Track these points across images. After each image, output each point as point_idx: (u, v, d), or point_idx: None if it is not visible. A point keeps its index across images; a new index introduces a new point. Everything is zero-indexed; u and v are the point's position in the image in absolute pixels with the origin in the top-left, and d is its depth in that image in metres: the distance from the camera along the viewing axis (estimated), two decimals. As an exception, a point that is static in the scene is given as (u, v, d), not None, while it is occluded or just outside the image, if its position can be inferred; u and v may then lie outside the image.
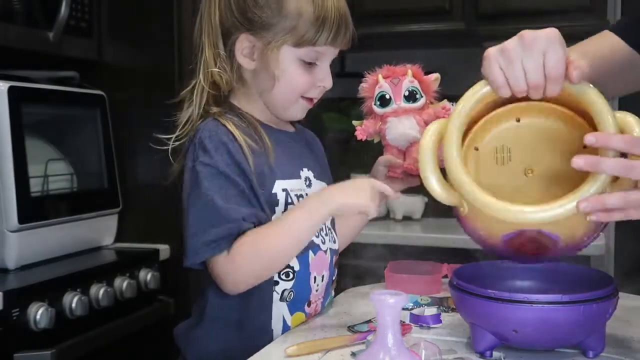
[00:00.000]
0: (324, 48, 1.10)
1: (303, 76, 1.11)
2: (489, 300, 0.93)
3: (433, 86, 1.26)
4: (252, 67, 1.11)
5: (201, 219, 1.03)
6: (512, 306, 0.91)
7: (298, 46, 1.08)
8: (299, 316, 1.14)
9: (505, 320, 0.92)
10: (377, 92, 1.23)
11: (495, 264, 1.10)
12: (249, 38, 1.09)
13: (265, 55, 1.09)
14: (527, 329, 0.92)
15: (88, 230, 1.99)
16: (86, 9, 2.07)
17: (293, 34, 1.07)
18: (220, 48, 1.11)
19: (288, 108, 1.14)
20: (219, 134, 1.06)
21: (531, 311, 0.90)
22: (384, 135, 1.25)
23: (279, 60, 1.09)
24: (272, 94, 1.12)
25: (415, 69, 1.25)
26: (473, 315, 0.97)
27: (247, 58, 1.11)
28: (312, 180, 1.18)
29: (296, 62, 1.10)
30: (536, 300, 0.90)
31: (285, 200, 1.11)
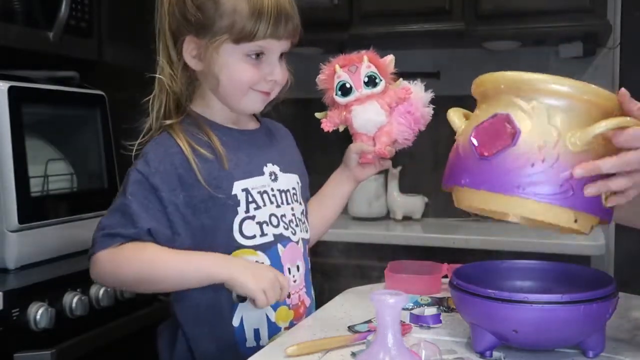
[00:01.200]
0: (266, 42, 1.10)
1: (248, 72, 1.11)
2: (489, 300, 0.93)
3: (390, 68, 1.27)
4: (200, 67, 1.13)
5: (113, 219, 1.08)
6: (512, 306, 0.91)
7: (238, 42, 1.09)
8: (283, 310, 1.15)
9: (505, 320, 0.92)
10: (336, 82, 1.24)
11: (495, 263, 1.10)
12: (194, 40, 1.11)
13: (207, 56, 1.10)
14: (527, 329, 0.92)
15: (88, 230, 1.96)
16: (86, 9, 2.07)
17: (231, 31, 1.08)
18: (171, 54, 1.14)
19: (240, 102, 1.15)
20: (165, 147, 1.10)
21: (531, 311, 0.90)
22: (351, 124, 1.26)
23: (220, 59, 1.10)
24: (220, 91, 1.14)
25: (370, 54, 1.26)
26: (473, 315, 0.97)
27: (195, 59, 1.13)
28: (278, 174, 1.20)
29: (240, 58, 1.10)
30: (536, 300, 0.90)
31: (246, 199, 1.12)
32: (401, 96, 1.25)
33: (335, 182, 1.34)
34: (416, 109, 1.26)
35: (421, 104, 1.26)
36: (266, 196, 1.16)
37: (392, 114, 1.25)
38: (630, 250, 2.40)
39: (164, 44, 1.14)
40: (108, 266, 1.08)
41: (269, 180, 1.17)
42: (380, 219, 2.66)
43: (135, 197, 1.08)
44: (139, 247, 1.07)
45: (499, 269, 1.09)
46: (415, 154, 2.77)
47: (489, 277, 1.06)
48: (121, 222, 1.08)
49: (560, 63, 2.60)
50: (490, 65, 2.92)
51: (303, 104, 1.47)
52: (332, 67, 1.25)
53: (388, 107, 1.24)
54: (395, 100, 1.25)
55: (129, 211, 1.07)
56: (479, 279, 1.00)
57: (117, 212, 1.09)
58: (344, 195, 1.35)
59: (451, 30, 2.47)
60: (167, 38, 1.14)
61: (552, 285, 1.05)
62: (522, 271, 1.09)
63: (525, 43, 2.58)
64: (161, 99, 1.15)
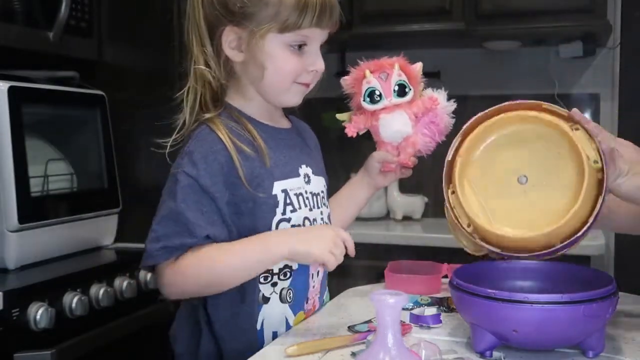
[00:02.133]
0: (310, 31, 1.08)
1: (292, 61, 1.09)
2: (489, 300, 0.93)
3: (419, 76, 1.26)
4: (241, 58, 1.10)
5: (167, 228, 1.04)
6: (512, 306, 0.91)
7: (283, 32, 1.07)
8: (300, 316, 1.14)
9: (505, 320, 0.92)
10: (365, 88, 1.23)
11: (495, 264, 1.10)
12: (234, 30, 1.09)
13: (251, 45, 1.08)
14: (527, 329, 0.92)
15: (88, 230, 1.99)
16: (86, 9, 2.07)
17: (276, 20, 1.06)
18: (207, 45, 1.10)
19: (282, 95, 1.13)
20: (209, 143, 1.07)
21: (531, 311, 0.90)
22: (377, 132, 1.25)
23: (265, 48, 1.08)
24: (264, 83, 1.11)
25: (402, 61, 1.25)
26: (473, 315, 0.97)
27: (235, 50, 1.10)
28: (310, 176, 1.18)
29: (283, 48, 1.08)
30: (536, 300, 0.90)
31: (284, 201, 1.10)
32: (428, 106, 1.24)
33: (354, 187, 1.33)
34: (441, 120, 1.25)
35: (445, 113, 1.25)
36: (301, 199, 1.14)
37: (417, 124, 1.24)
38: (630, 250, 2.40)
39: (197, 35, 1.11)
40: (174, 279, 1.06)
41: (304, 182, 1.15)
42: (380, 219, 2.66)
43: (187, 204, 1.04)
44: (199, 254, 1.04)
45: (499, 269, 1.09)
46: (415, 154, 2.78)
47: (489, 277, 1.06)
48: (176, 231, 1.04)
49: (560, 63, 2.60)
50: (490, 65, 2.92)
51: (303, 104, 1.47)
52: (361, 71, 1.23)
53: (415, 116, 1.23)
54: (422, 111, 1.24)
55: (183, 219, 1.04)
56: (479, 279, 1.00)
57: (169, 220, 1.05)
58: (362, 200, 1.34)
59: (451, 30, 2.47)
60: (200, 30, 1.10)
61: (552, 285, 1.06)
62: (522, 271, 1.09)
63: (525, 43, 2.58)
64: (196, 91, 1.11)
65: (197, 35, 1.11)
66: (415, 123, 1.24)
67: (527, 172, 1.08)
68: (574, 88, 2.62)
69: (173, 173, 1.07)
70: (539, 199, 1.07)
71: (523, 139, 1.09)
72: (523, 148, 1.09)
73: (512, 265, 1.09)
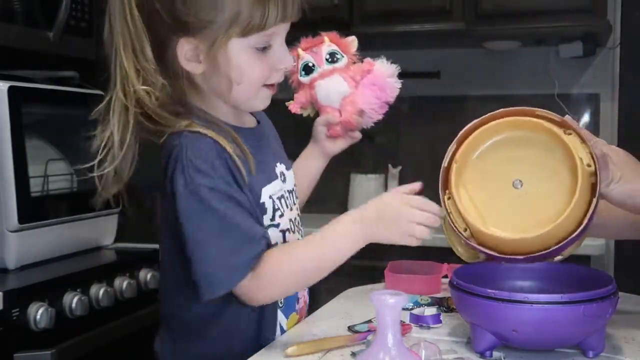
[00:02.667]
0: (275, 28, 0.98)
1: (259, 66, 1.00)
2: (489, 300, 0.93)
3: (351, 47, 1.27)
4: (201, 70, 1.00)
5: (223, 247, 0.96)
6: (512, 306, 0.91)
7: (246, 34, 0.97)
8: (293, 317, 1.14)
9: (505, 320, 0.92)
10: (299, 64, 1.25)
11: (495, 263, 1.10)
12: (189, 41, 0.98)
13: (211, 55, 0.98)
14: (527, 329, 0.92)
15: (88, 230, 1.99)
16: (86, 9, 2.07)
17: (237, 23, 0.95)
18: (147, 61, 0.97)
19: (251, 101, 1.05)
20: (206, 147, 0.97)
21: (531, 311, 0.90)
22: (316, 100, 1.26)
23: (230, 58, 0.98)
24: (232, 94, 1.02)
25: (331, 35, 1.27)
26: (473, 315, 0.97)
27: (193, 62, 0.99)
28: (285, 173, 1.13)
29: (248, 52, 0.99)
30: (536, 300, 0.90)
31: (272, 207, 1.06)
32: (364, 69, 1.25)
33: (306, 158, 1.28)
34: (383, 82, 1.25)
35: (386, 76, 1.25)
36: (283, 201, 1.09)
37: (358, 87, 1.25)
38: (630, 250, 2.40)
39: (131, 53, 0.97)
40: (257, 294, 1.00)
41: (281, 183, 1.10)
42: (380, 219, 2.65)
43: (230, 213, 0.96)
44: (275, 262, 0.99)
45: (499, 269, 1.09)
46: (415, 154, 2.78)
47: (489, 277, 1.06)
48: (234, 248, 0.96)
49: (560, 63, 2.60)
50: (490, 65, 2.92)
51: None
52: (295, 51, 1.24)
53: (352, 80, 1.24)
54: (360, 74, 1.25)
55: (236, 229, 0.96)
56: (479, 279, 1.00)
57: (221, 239, 0.96)
58: (315, 170, 1.28)
59: (451, 30, 2.47)
60: (141, 45, 0.97)
61: (552, 285, 1.06)
62: (522, 271, 1.09)
63: (525, 43, 2.58)
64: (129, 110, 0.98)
65: (131, 53, 0.97)
66: (356, 85, 1.25)
67: (522, 177, 1.08)
68: (574, 88, 2.62)
69: (189, 192, 0.96)
70: (534, 203, 1.07)
71: (517, 144, 1.09)
72: (517, 153, 1.09)
73: (512, 265, 1.09)
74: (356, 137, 1.28)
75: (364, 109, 1.25)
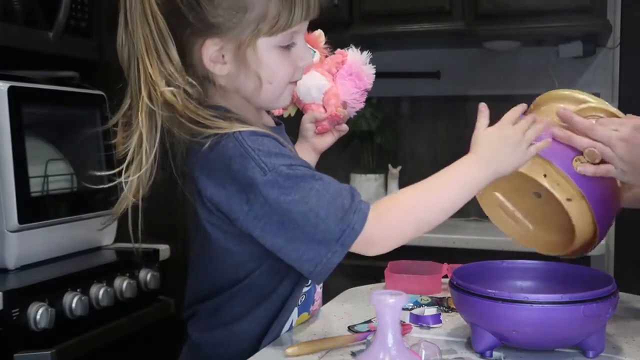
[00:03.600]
0: (299, 26, 0.99)
1: (286, 63, 1.01)
2: (489, 300, 0.93)
3: (319, 41, 1.27)
4: (226, 71, 0.99)
5: (330, 200, 0.93)
6: (512, 306, 0.91)
7: (274, 34, 0.97)
8: (303, 317, 1.13)
9: (505, 320, 0.92)
10: None
11: (495, 263, 1.10)
12: (214, 42, 0.97)
13: (240, 56, 0.97)
14: (527, 329, 0.92)
15: (88, 230, 1.99)
16: (86, 9, 2.07)
17: (264, 22, 0.95)
18: (174, 64, 0.96)
19: (278, 99, 1.05)
20: (265, 139, 0.96)
21: (531, 311, 0.90)
22: (297, 99, 1.24)
23: (259, 57, 0.98)
24: (262, 93, 1.01)
25: None
26: (473, 315, 0.97)
27: (218, 64, 0.99)
28: None
29: (276, 51, 0.99)
30: (536, 300, 0.90)
31: None
32: (338, 60, 1.25)
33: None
34: (359, 70, 1.25)
35: (360, 63, 1.25)
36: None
37: (335, 79, 1.25)
38: (630, 250, 2.40)
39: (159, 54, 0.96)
40: (386, 239, 0.97)
41: None
42: (380, 219, 2.66)
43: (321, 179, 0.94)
44: (394, 201, 0.99)
45: (499, 269, 1.09)
46: (416, 154, 2.78)
47: (489, 277, 1.06)
48: (338, 194, 0.93)
49: (560, 63, 2.60)
50: (490, 65, 2.92)
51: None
52: None
53: (329, 73, 1.24)
54: (334, 66, 1.25)
55: (331, 180, 0.95)
56: (479, 279, 1.00)
57: (326, 193, 0.93)
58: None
59: (451, 30, 2.47)
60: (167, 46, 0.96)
61: (552, 285, 1.06)
62: (522, 271, 1.09)
63: (525, 43, 2.58)
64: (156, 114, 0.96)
65: (155, 57, 0.96)
66: (333, 78, 1.25)
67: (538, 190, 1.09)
68: (574, 88, 2.61)
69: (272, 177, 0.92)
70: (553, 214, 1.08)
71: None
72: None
73: (512, 265, 1.09)
74: (343, 129, 1.27)
75: (346, 100, 1.24)
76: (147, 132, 0.98)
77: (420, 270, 1.36)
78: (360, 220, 0.93)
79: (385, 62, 2.93)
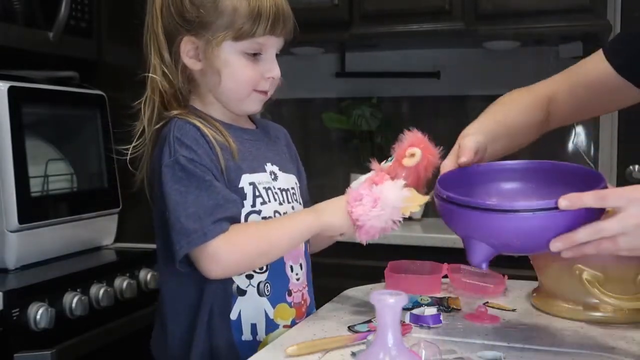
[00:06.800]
0: (264, 39, 1.11)
1: (248, 69, 1.12)
2: (490, 212, 0.88)
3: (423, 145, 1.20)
4: (199, 67, 1.13)
5: (204, 204, 1.04)
6: (515, 216, 0.86)
7: (238, 40, 1.10)
8: (282, 307, 1.15)
9: (507, 231, 0.88)
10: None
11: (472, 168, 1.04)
12: (191, 39, 1.11)
13: (208, 54, 1.10)
14: (529, 239, 0.89)
15: (88, 230, 1.99)
16: (86, 9, 2.07)
17: (231, 28, 1.09)
18: (165, 55, 1.13)
19: (242, 102, 1.15)
20: (192, 130, 1.09)
21: (535, 219, 0.86)
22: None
23: (221, 56, 1.10)
24: (221, 90, 1.13)
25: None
26: (469, 228, 0.92)
27: (193, 59, 1.12)
28: (277, 173, 1.20)
29: (239, 56, 1.11)
30: (540, 207, 0.86)
31: (253, 193, 1.13)
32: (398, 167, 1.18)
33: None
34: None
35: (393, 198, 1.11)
36: (270, 192, 1.16)
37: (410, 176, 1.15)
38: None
39: (156, 44, 1.14)
40: (228, 254, 1.06)
41: (270, 178, 1.17)
42: (380, 219, 2.66)
43: (208, 176, 1.06)
44: (243, 227, 1.09)
45: (477, 173, 1.03)
46: (415, 154, 2.78)
47: (473, 182, 1.01)
48: (215, 204, 1.05)
49: (560, 63, 2.60)
50: (490, 65, 2.92)
51: (303, 104, 1.47)
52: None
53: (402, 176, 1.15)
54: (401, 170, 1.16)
55: (214, 189, 1.05)
56: (464, 187, 0.95)
57: (201, 198, 1.04)
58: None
59: (451, 30, 2.47)
60: (159, 38, 1.13)
61: (540, 185, 1.01)
62: (502, 172, 1.04)
63: (525, 43, 2.58)
64: (154, 101, 1.13)
65: (155, 45, 1.14)
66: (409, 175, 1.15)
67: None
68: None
69: (171, 162, 1.06)
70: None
71: None
72: None
73: (489, 167, 1.04)
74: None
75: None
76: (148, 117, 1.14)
77: (420, 270, 1.36)
78: (213, 231, 1.03)
79: (385, 62, 2.94)
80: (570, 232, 0.88)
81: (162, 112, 1.13)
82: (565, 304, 1.12)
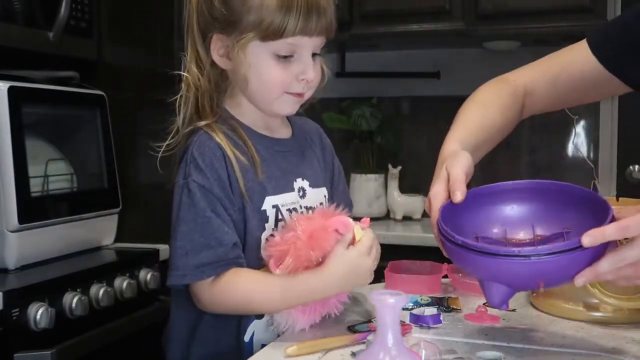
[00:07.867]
0: (297, 39, 1.04)
1: (278, 71, 1.06)
2: (510, 258, 0.86)
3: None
4: (229, 66, 1.09)
5: (195, 239, 1.02)
6: (539, 261, 0.85)
7: (266, 40, 1.03)
8: None
9: (530, 275, 0.87)
10: None
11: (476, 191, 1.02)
12: (221, 37, 1.07)
13: (235, 53, 1.06)
14: (553, 279, 0.89)
15: (88, 230, 1.99)
16: (86, 9, 2.07)
17: (258, 28, 1.03)
18: (200, 51, 1.10)
19: (271, 104, 1.10)
20: (212, 149, 1.05)
21: (559, 261, 0.85)
22: None
23: (246, 58, 1.05)
24: (249, 92, 1.09)
25: None
26: (487, 273, 0.90)
27: (223, 58, 1.08)
28: (306, 189, 1.16)
29: (268, 57, 1.05)
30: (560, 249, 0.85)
31: (275, 217, 1.09)
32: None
33: None
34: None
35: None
36: (294, 214, 1.11)
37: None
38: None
39: (192, 41, 1.10)
40: (212, 299, 1.05)
41: (298, 197, 1.13)
42: (380, 219, 2.66)
43: (208, 213, 1.03)
44: (235, 277, 1.03)
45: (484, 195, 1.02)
46: (415, 154, 2.78)
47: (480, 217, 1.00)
48: (205, 244, 1.02)
49: (560, 63, 2.59)
50: (490, 65, 2.91)
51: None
52: None
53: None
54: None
55: (209, 229, 1.02)
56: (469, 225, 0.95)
57: (194, 233, 1.03)
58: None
59: (451, 30, 2.47)
60: (195, 35, 1.09)
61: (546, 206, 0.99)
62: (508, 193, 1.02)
63: (525, 43, 2.58)
64: (189, 98, 1.10)
65: (192, 40, 1.10)
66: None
67: None
68: (573, 88, 2.61)
69: (183, 184, 1.05)
70: None
71: None
72: None
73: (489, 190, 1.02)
74: None
75: None
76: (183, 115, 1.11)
77: (420, 270, 1.36)
78: (192, 277, 1.03)
79: (385, 62, 2.94)
80: (594, 265, 0.88)
81: (193, 115, 1.10)
82: (565, 304, 1.12)
